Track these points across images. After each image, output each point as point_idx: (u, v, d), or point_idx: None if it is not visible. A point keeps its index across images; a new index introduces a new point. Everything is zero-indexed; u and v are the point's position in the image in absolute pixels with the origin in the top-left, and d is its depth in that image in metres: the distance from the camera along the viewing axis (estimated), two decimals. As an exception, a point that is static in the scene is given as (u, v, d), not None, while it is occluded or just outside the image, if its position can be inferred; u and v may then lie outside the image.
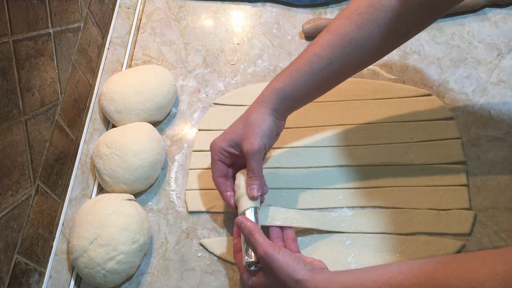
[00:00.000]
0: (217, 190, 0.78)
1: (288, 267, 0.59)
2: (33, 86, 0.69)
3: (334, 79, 0.68)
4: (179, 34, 0.97)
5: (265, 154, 0.72)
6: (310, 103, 0.85)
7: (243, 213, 0.66)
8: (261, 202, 0.69)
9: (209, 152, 0.82)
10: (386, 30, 0.62)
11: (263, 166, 0.79)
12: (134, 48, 0.96)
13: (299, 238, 0.73)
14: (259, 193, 0.67)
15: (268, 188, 0.71)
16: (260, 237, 0.62)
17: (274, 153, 0.81)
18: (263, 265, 0.61)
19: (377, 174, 0.77)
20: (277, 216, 0.70)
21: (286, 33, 0.95)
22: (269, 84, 0.69)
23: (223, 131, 0.84)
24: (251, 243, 0.62)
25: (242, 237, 0.65)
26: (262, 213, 0.69)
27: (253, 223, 0.64)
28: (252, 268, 0.62)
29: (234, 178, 0.71)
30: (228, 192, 0.70)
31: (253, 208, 0.66)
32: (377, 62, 0.88)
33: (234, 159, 0.70)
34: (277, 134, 0.71)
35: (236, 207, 0.69)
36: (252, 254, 0.62)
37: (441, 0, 0.61)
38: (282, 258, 0.59)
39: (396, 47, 0.68)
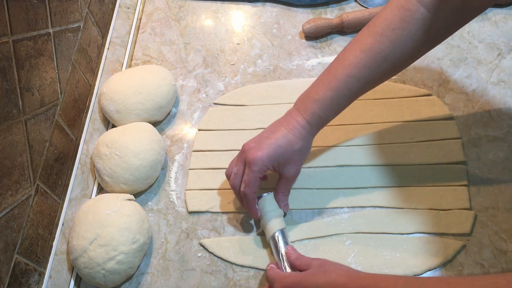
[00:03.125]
0: (216, 190, 0.79)
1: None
2: (33, 86, 0.69)
3: (364, 93, 0.69)
4: (179, 34, 0.97)
5: None
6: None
7: (273, 236, 0.69)
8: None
9: (209, 153, 0.83)
10: (419, 42, 0.62)
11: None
12: (134, 48, 0.96)
13: (299, 239, 0.73)
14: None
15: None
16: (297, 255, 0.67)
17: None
18: (317, 264, 0.63)
19: (377, 174, 0.77)
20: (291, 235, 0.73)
21: (286, 33, 0.94)
22: (313, 108, 0.67)
23: (223, 131, 0.84)
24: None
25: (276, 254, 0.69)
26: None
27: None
28: None
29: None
30: (257, 205, 0.71)
31: (281, 230, 0.70)
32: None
33: None
34: None
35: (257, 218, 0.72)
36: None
37: (471, 6, 0.60)
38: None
39: (423, 55, 0.67)
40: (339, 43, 0.91)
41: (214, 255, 0.74)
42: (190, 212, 0.78)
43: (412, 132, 0.80)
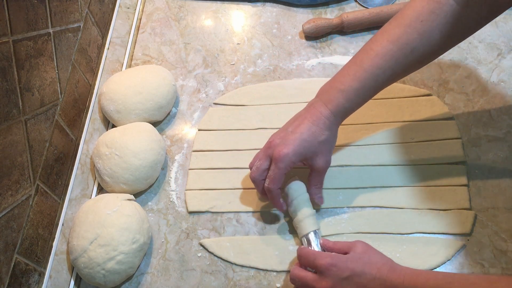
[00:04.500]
0: (216, 190, 0.79)
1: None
2: (33, 86, 0.69)
3: (388, 85, 0.69)
4: (179, 34, 0.97)
5: None
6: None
7: (307, 236, 0.68)
8: None
9: (209, 153, 0.83)
10: (446, 34, 0.63)
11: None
12: (134, 48, 0.96)
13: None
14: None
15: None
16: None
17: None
18: (361, 250, 0.62)
19: (377, 174, 0.77)
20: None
21: (286, 33, 0.94)
22: (337, 99, 0.67)
23: (223, 131, 0.84)
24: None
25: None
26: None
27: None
28: None
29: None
30: (281, 200, 0.71)
31: (314, 231, 0.69)
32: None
33: None
34: None
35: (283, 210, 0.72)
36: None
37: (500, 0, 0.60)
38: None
39: (449, 49, 0.68)
40: (339, 43, 0.91)
41: (214, 255, 0.74)
42: (190, 212, 0.78)
43: (412, 132, 0.80)
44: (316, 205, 0.73)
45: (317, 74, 0.89)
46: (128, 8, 1.01)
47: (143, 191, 0.80)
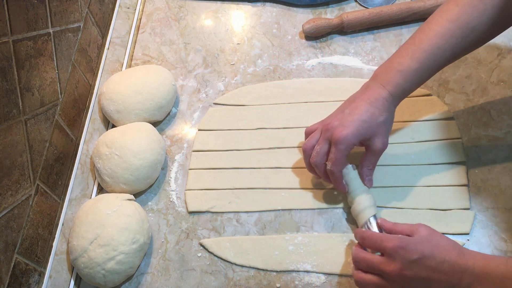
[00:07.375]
0: (216, 190, 0.79)
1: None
2: (33, 86, 0.69)
3: (446, 66, 0.69)
4: (179, 34, 0.97)
5: None
6: (309, 104, 0.85)
7: (368, 220, 0.68)
8: None
9: (209, 153, 0.83)
10: (504, 13, 0.63)
11: (265, 167, 0.80)
12: (134, 48, 0.96)
13: (299, 239, 0.73)
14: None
15: (266, 189, 0.72)
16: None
17: (274, 154, 0.81)
18: (427, 233, 0.61)
19: (377, 174, 0.77)
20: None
21: (286, 33, 0.94)
22: (396, 79, 0.67)
23: (223, 131, 0.84)
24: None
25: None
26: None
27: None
28: None
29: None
30: (344, 181, 0.71)
31: (374, 216, 0.68)
32: (377, 62, 0.89)
33: None
34: None
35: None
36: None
37: None
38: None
39: (504, 30, 0.68)
40: (339, 43, 0.91)
41: (214, 255, 0.74)
42: (190, 212, 0.78)
43: (412, 132, 0.80)
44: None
45: (317, 74, 0.89)
46: (128, 8, 1.01)
47: (143, 191, 0.80)
